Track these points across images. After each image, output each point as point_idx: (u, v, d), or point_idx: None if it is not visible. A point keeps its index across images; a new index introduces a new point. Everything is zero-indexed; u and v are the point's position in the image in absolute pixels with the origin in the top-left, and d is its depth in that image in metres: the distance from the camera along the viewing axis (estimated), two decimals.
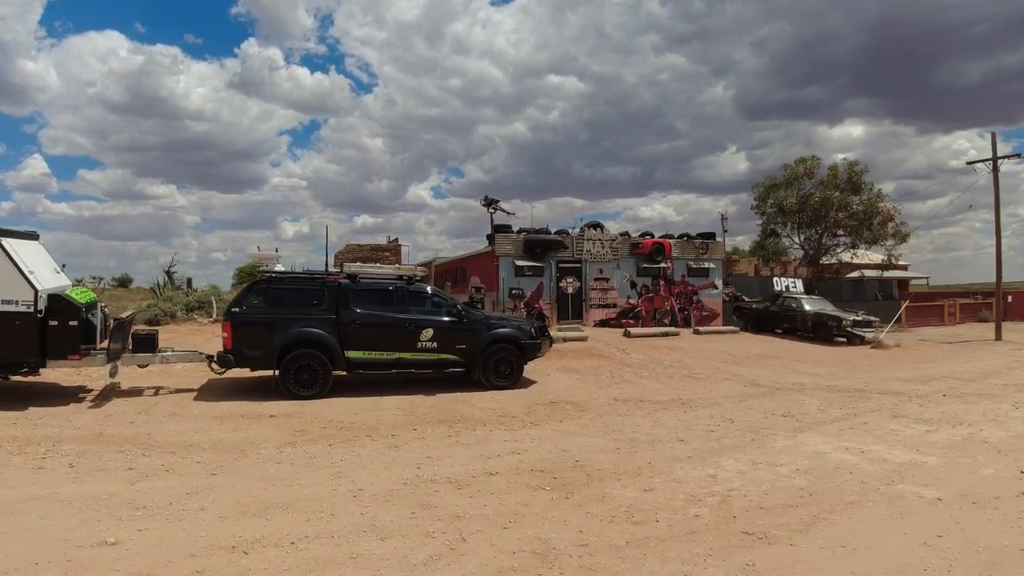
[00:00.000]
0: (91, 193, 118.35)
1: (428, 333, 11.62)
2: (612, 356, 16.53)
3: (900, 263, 39.36)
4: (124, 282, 40.96)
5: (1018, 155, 22.94)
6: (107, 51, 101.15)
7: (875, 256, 35.75)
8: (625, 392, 11.81)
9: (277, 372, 10.96)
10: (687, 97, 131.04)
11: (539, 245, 22.51)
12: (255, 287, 11.65)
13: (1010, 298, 29.61)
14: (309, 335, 11.13)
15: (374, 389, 11.63)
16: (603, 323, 23.38)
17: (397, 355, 11.53)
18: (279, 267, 12.43)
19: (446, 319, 11.81)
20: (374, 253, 43.71)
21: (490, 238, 22.87)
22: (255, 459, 7.36)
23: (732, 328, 23.53)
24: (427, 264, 35.81)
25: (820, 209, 30.40)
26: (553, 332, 20.10)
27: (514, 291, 21.88)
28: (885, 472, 6.74)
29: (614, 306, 23.84)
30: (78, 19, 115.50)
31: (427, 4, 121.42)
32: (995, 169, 23.30)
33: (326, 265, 12.56)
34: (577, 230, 23.84)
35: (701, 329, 22.59)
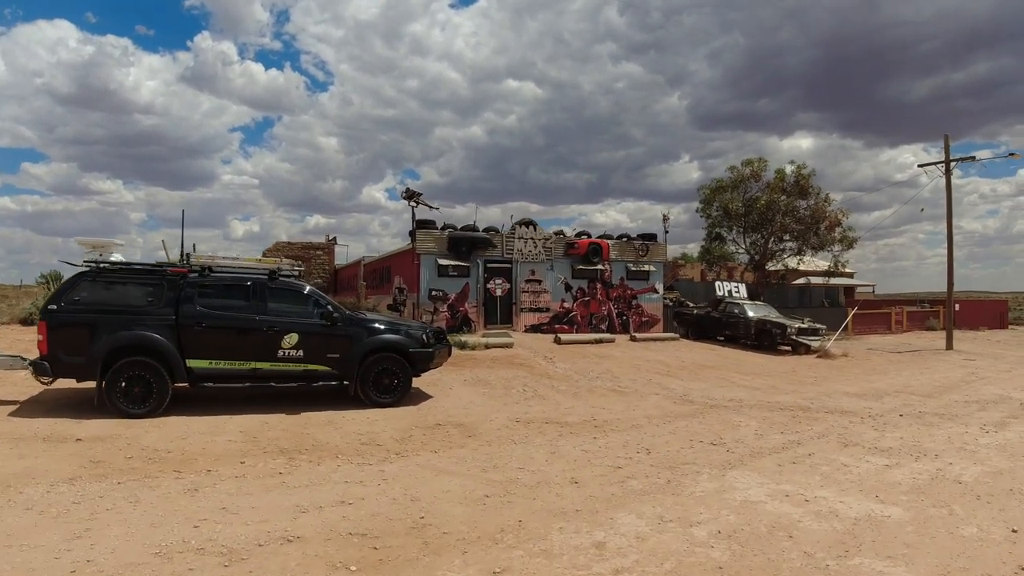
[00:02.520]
0: (35, 187, 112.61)
1: (292, 339, 9.57)
2: (535, 366, 14.68)
3: (846, 270, 38.61)
4: (56, 279, 37.73)
5: (972, 157, 21.94)
6: (56, 41, 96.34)
7: (821, 263, 34.80)
8: (532, 411, 9.92)
9: (101, 384, 8.91)
10: (642, 106, 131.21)
11: (465, 243, 20.55)
12: (79, 280, 9.44)
13: (958, 306, 28.77)
14: (140, 340, 9.05)
15: (227, 406, 9.56)
16: (535, 328, 21.53)
17: (252, 365, 9.47)
18: (117, 256, 10.22)
19: (316, 323, 9.76)
20: (305, 252, 41.25)
21: (412, 235, 20.83)
22: (4, 502, 5.44)
23: (672, 335, 21.91)
24: (356, 263, 33.63)
25: (766, 212, 29.19)
26: (477, 338, 18.19)
27: (435, 292, 19.86)
28: (836, 534, 4.93)
29: (547, 310, 22.00)
30: (28, 7, 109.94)
31: (385, 3, 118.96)
32: (948, 172, 22.22)
33: (181, 251, 10.35)
34: (507, 228, 21.95)
35: (638, 336, 20.90)
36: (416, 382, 11.40)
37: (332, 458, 7.20)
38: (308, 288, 10.21)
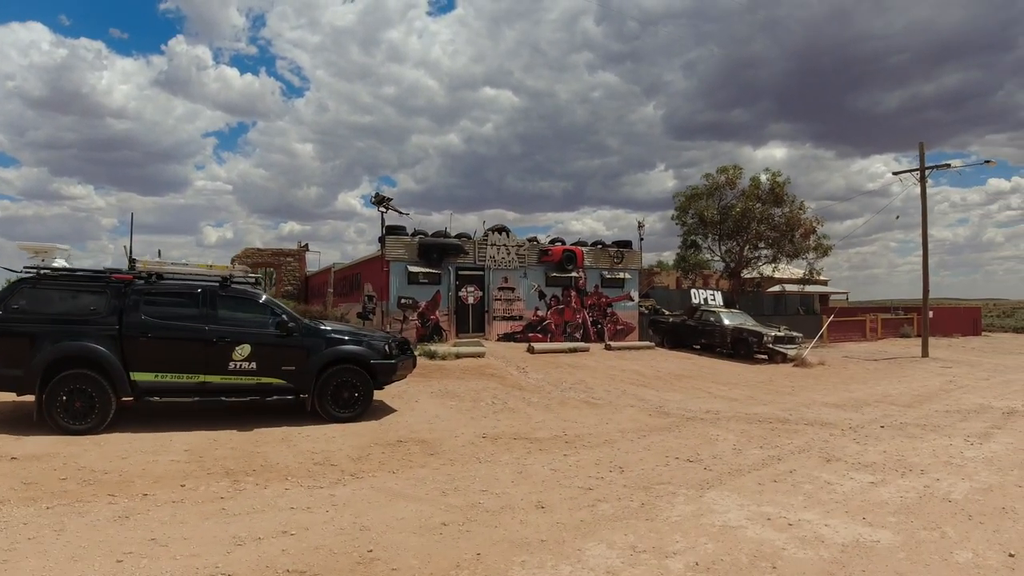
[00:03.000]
0: (4, 192, 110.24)
1: (244, 350, 9.02)
2: (506, 376, 14.22)
3: (821, 278, 38.65)
4: None
5: (947, 164, 21.91)
6: (29, 43, 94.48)
7: (796, 270, 34.72)
8: (501, 425, 9.44)
9: (41, 399, 8.38)
10: (618, 115, 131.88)
11: (436, 249, 20.05)
12: (18, 287, 8.84)
13: (931, 313, 28.76)
14: (81, 351, 8.51)
15: (176, 421, 8.99)
16: (508, 337, 21.05)
17: (201, 378, 8.92)
18: (60, 262, 9.59)
19: (271, 333, 9.21)
20: (276, 258, 40.51)
21: (382, 241, 20.27)
22: None
23: (647, 344, 21.55)
24: (326, 270, 32.96)
25: (741, 220, 28.98)
26: (448, 347, 17.66)
27: (404, 300, 19.32)
28: (823, 563, 4.51)
29: (520, 318, 21.54)
30: (1, 9, 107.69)
31: (363, 10, 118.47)
32: (923, 179, 22.16)
33: (129, 257, 9.76)
34: (480, 234, 21.47)
35: (613, 345, 20.52)
36: (380, 395, 10.90)
37: (280, 480, 6.67)
38: (263, 296, 9.66)
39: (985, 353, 25.07)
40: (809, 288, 35.76)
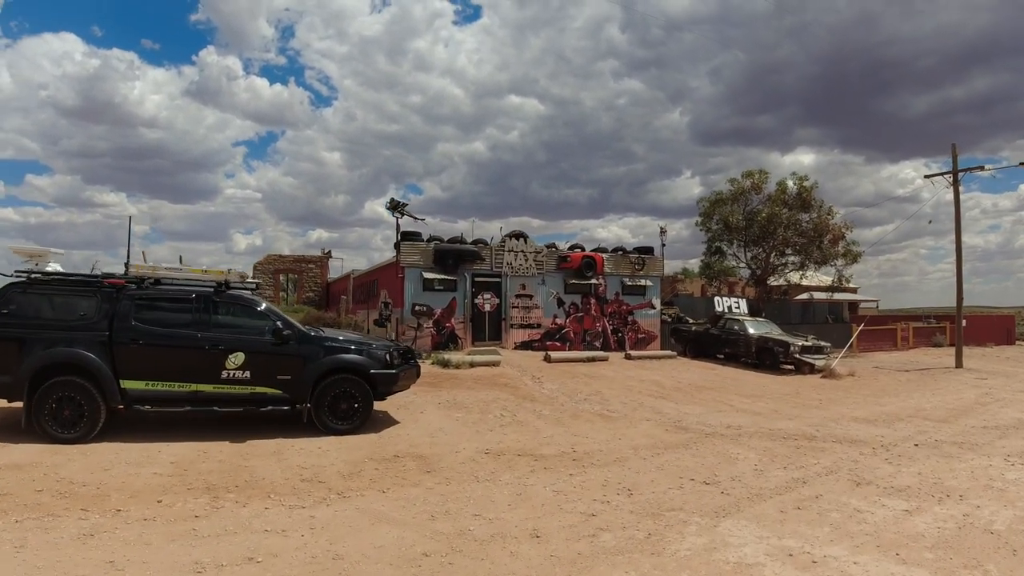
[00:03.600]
0: (38, 199, 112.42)
1: (238, 359, 8.64)
2: (519, 386, 13.71)
3: (850, 285, 37.58)
4: None
5: (981, 167, 20.98)
6: (62, 54, 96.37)
7: (824, 277, 33.78)
8: (507, 439, 8.93)
9: (29, 406, 8.08)
10: (644, 122, 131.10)
11: (451, 255, 19.63)
12: (8, 291, 8.56)
13: (965, 322, 27.73)
14: (70, 357, 8.24)
15: (168, 431, 8.64)
16: (525, 345, 20.55)
17: (193, 387, 8.55)
18: (54, 266, 9.30)
19: (267, 341, 8.82)
20: (297, 265, 40.48)
21: (397, 247, 19.90)
22: None
23: (669, 353, 20.90)
24: (346, 277, 32.79)
25: (768, 226, 28.16)
26: (462, 356, 17.21)
27: (419, 307, 18.91)
28: None
29: (538, 326, 21.04)
30: (34, 19, 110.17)
31: (389, 20, 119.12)
32: (956, 182, 21.28)
33: (127, 261, 9.45)
34: (497, 240, 21.01)
35: (634, 354, 19.90)
36: (384, 405, 10.47)
37: (263, 498, 6.24)
38: (259, 303, 9.27)
39: (1021, 364, 24.03)
40: (838, 296, 34.73)
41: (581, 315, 21.70)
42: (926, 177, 22.23)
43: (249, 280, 10.05)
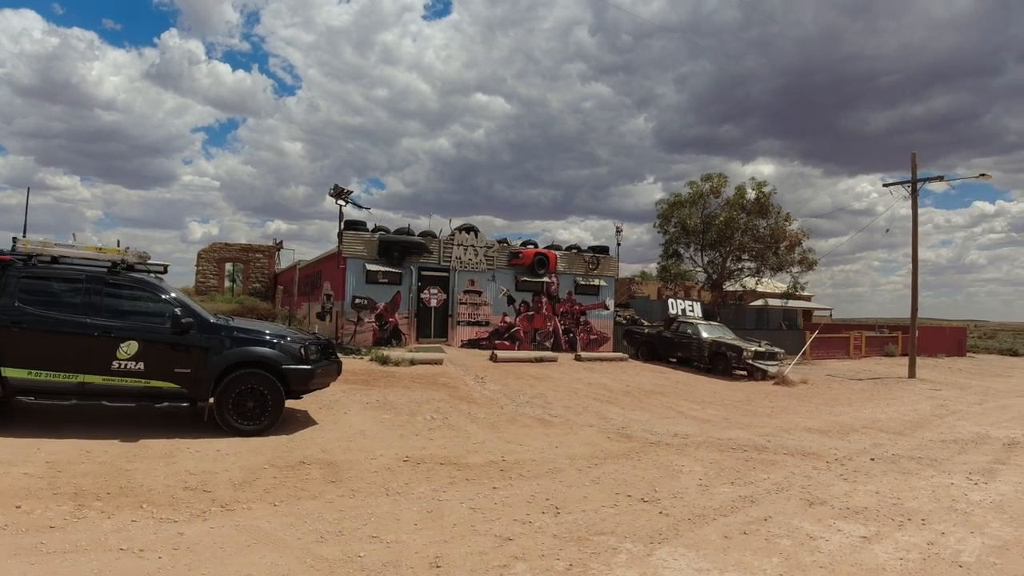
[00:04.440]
0: None
1: (131, 348, 7.65)
2: (459, 387, 12.88)
3: (804, 293, 37.57)
4: None
5: (940, 177, 20.79)
6: (21, 31, 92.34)
7: (780, 284, 33.61)
8: (432, 445, 8.08)
9: None
10: (609, 126, 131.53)
11: (397, 247, 18.68)
12: None
13: (917, 332, 27.70)
14: None
15: (59, 426, 7.64)
16: (472, 343, 19.71)
17: (80, 378, 7.55)
18: None
19: (165, 329, 7.84)
20: (244, 254, 38.99)
21: (340, 236, 18.87)
22: None
23: (621, 355, 20.25)
24: (292, 268, 31.54)
25: (725, 230, 27.80)
26: (403, 352, 16.30)
27: (359, 300, 17.90)
28: None
29: (486, 324, 20.20)
30: None
31: (358, 11, 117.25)
32: (914, 192, 21.07)
33: (13, 243, 8.31)
34: (446, 233, 20.12)
35: (584, 355, 19.20)
36: (306, 404, 9.60)
37: (133, 508, 5.33)
38: (160, 286, 8.26)
39: (973, 375, 24.01)
40: (792, 303, 34.71)
41: (532, 314, 20.93)
42: (885, 185, 22.03)
43: (155, 262, 9.04)
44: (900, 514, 6.07)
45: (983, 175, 20.29)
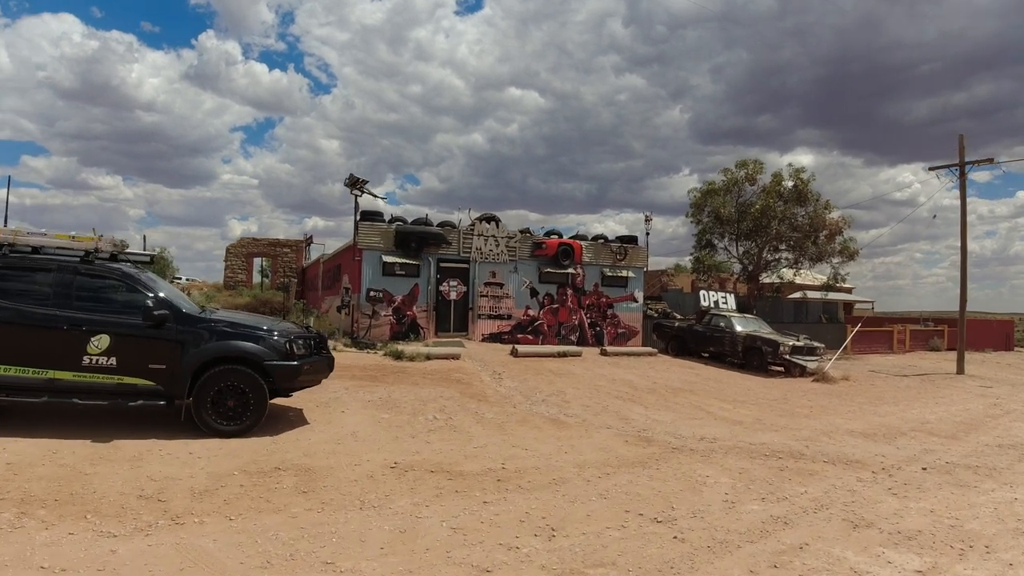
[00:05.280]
0: (34, 180, 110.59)
1: (102, 343, 7.06)
2: (474, 383, 12.14)
3: (845, 285, 36.02)
4: None
5: (990, 159, 19.39)
6: (60, 35, 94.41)
7: (819, 276, 32.21)
8: (427, 449, 7.32)
9: None
10: (644, 118, 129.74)
11: (414, 238, 17.98)
12: None
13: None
14: None
15: (29, 424, 7.06)
16: (494, 337, 18.94)
17: (49, 374, 7.02)
18: None
19: (139, 322, 7.21)
20: (272, 249, 38.77)
21: (355, 227, 18.24)
22: None
23: (649, 350, 19.30)
24: (317, 262, 31.16)
25: (761, 219, 26.51)
26: (419, 347, 15.60)
27: (373, 293, 17.24)
28: None
29: (509, 317, 19.41)
30: (34, 0, 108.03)
31: (391, 8, 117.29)
32: (962, 175, 19.70)
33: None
34: (466, 223, 19.36)
35: (610, 350, 18.29)
36: (302, 402, 8.98)
37: (77, 518, 4.76)
38: (136, 276, 7.62)
39: (1023, 371, 22.53)
40: (832, 295, 33.23)
41: (556, 307, 20.08)
42: (931, 169, 20.64)
43: (136, 251, 8.45)
44: (960, 539, 5.13)
45: None
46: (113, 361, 7.13)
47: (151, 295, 7.37)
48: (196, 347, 7.31)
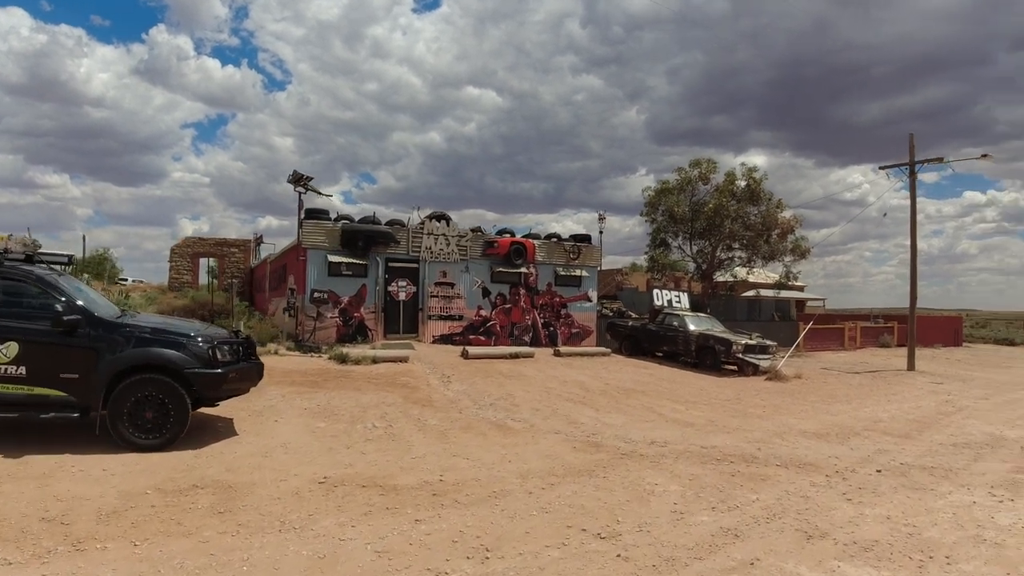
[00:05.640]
0: None
1: (10, 350, 6.50)
2: (419, 388, 11.67)
3: (797, 283, 36.43)
4: None
5: (939, 159, 19.58)
6: (8, 29, 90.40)
7: (772, 274, 32.43)
8: (361, 461, 6.84)
9: None
10: (601, 119, 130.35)
11: (362, 237, 17.40)
12: None
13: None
14: None
15: None
16: (445, 339, 18.46)
17: None
18: None
19: (48, 327, 6.62)
20: (218, 249, 37.61)
21: (300, 226, 17.58)
22: None
23: (603, 350, 19.04)
24: (264, 263, 30.25)
25: (714, 218, 26.52)
26: (365, 350, 15.05)
27: (317, 294, 16.61)
28: None
29: (460, 318, 18.95)
30: None
31: (348, 5, 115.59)
32: (912, 174, 19.89)
33: None
34: (415, 222, 18.84)
35: (563, 351, 17.97)
36: (235, 411, 8.47)
37: None
38: (46, 278, 7.00)
39: (973, 366, 22.93)
40: (785, 293, 33.52)
41: (509, 307, 19.69)
42: (881, 168, 20.81)
43: (52, 252, 7.81)
44: (919, 549, 4.87)
45: (985, 155, 19.09)
46: (23, 370, 6.57)
47: (63, 299, 6.77)
48: (112, 355, 6.74)
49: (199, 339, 7.19)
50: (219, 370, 7.10)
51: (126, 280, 44.27)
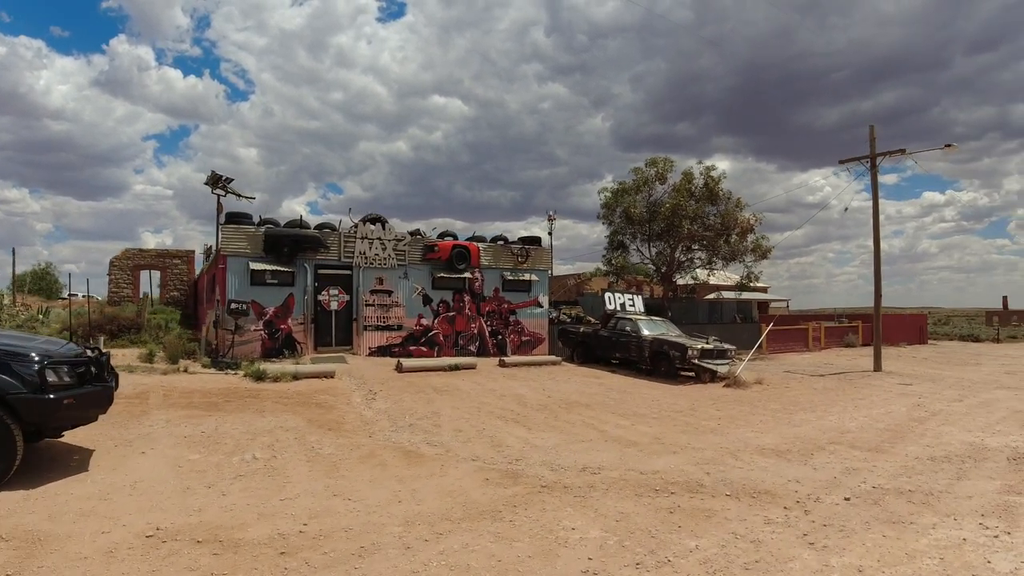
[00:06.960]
0: None
1: None
2: (335, 407, 10.35)
3: (760, 284, 35.71)
4: None
5: (901, 150, 18.72)
6: None
7: (733, 276, 31.63)
8: (215, 505, 5.47)
9: None
10: (567, 126, 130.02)
11: (287, 242, 15.99)
12: None
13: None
14: None
15: None
16: (383, 351, 17.10)
17: None
18: None
19: None
20: (160, 260, 35.86)
21: (218, 231, 16.10)
22: None
23: (553, 358, 17.83)
24: (203, 273, 28.60)
25: (672, 218, 25.53)
26: (286, 366, 13.61)
27: (235, 305, 15.14)
28: None
29: (399, 328, 17.60)
30: None
31: (311, 14, 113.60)
32: (874, 167, 19.03)
33: None
34: (347, 225, 17.46)
35: (509, 360, 16.71)
36: (102, 438, 7.08)
37: None
38: None
39: (941, 364, 22.13)
40: (747, 295, 32.76)
41: (453, 315, 18.38)
42: (841, 162, 19.91)
43: None
44: None
45: (949, 146, 18.29)
46: None
47: None
48: None
49: (33, 357, 5.77)
50: (49, 396, 5.68)
51: (75, 295, 42.02)
